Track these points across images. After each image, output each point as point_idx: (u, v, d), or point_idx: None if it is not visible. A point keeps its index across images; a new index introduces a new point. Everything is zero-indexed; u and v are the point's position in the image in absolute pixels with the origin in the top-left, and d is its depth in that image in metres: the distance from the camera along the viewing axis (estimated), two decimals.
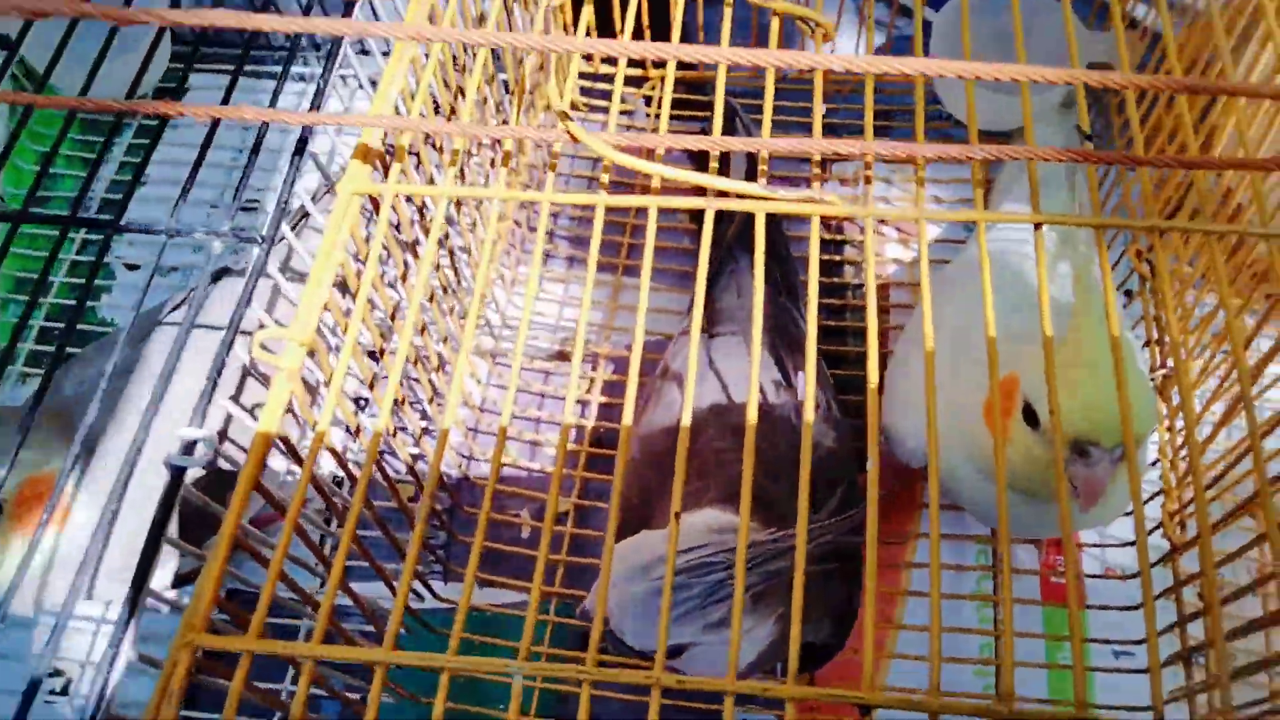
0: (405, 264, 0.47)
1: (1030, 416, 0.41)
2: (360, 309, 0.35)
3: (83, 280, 0.69)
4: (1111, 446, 0.39)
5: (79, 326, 0.66)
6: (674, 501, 0.31)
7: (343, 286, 0.45)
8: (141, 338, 0.53)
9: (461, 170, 0.51)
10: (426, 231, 0.47)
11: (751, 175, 0.45)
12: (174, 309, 0.54)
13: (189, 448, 0.33)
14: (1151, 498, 0.59)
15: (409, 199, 0.45)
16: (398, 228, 0.44)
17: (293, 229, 0.56)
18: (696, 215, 0.73)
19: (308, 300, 0.34)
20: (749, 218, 0.61)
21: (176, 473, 0.35)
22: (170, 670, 0.27)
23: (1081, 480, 0.39)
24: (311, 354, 0.34)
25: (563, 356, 0.67)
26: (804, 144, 0.35)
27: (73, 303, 0.66)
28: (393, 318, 0.45)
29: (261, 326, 0.42)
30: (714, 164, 0.40)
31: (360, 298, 0.35)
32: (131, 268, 0.70)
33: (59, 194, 0.73)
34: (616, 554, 0.39)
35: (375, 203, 0.39)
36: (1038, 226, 0.35)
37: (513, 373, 0.37)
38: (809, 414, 0.33)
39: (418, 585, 0.51)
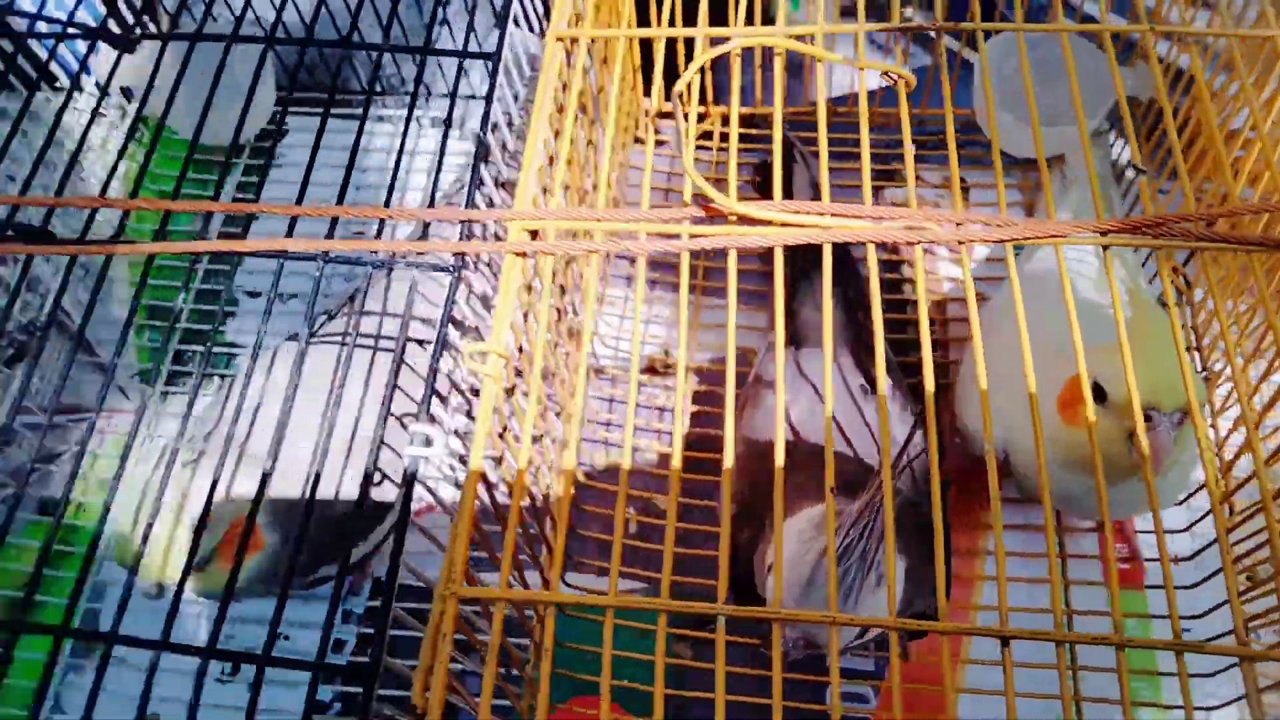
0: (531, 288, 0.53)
1: (1099, 393, 0.47)
2: (544, 322, 0.42)
3: (207, 307, 0.75)
4: (1171, 410, 0.45)
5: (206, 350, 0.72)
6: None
7: None
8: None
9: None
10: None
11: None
12: (315, 329, 0.61)
13: (424, 442, 0.39)
14: (1198, 490, 0.65)
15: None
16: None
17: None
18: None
19: (500, 318, 0.41)
20: None
21: (415, 463, 0.41)
22: (439, 616, 0.33)
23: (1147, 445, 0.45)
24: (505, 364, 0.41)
25: (651, 370, 0.73)
26: (905, 213, 0.41)
27: (202, 328, 0.73)
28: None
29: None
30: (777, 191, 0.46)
31: (544, 308, 0.42)
32: (253, 295, 0.77)
33: (176, 229, 0.80)
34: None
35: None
36: (1106, 248, 0.42)
37: (630, 391, 0.44)
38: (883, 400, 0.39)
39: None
